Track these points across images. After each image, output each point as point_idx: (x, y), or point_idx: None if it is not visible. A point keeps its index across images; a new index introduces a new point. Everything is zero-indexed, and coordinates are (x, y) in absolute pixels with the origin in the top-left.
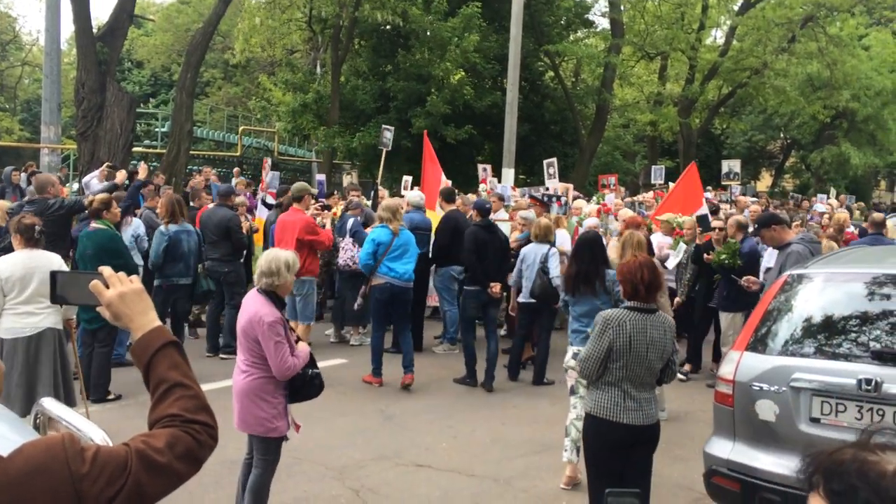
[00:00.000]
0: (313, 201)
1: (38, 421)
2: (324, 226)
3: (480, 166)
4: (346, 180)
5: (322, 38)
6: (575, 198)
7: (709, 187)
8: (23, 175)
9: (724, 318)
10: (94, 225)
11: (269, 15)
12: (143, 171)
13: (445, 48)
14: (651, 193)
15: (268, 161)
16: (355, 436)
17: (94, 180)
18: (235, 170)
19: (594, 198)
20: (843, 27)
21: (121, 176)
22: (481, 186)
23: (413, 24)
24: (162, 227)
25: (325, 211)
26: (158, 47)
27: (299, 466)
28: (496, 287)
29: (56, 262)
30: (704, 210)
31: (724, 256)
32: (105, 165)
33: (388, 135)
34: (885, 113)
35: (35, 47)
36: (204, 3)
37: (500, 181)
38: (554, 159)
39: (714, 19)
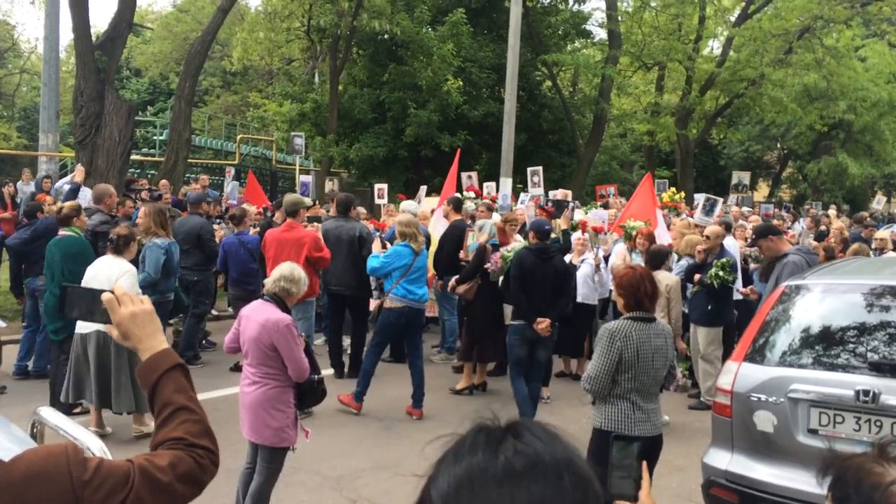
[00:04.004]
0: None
1: (35, 430)
2: None
3: (465, 174)
4: (328, 187)
5: (320, 47)
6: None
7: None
8: (20, 184)
9: (705, 333)
10: (63, 232)
11: (269, 26)
12: (79, 173)
13: (431, 57)
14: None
15: (230, 171)
16: (353, 445)
17: (67, 186)
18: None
19: (585, 208)
20: (840, 39)
21: (80, 174)
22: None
23: (404, 33)
24: None
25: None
26: (157, 55)
27: (297, 476)
28: (543, 323)
29: (119, 270)
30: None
31: (722, 274)
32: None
33: (299, 141)
34: (882, 124)
35: (34, 55)
36: (203, 11)
37: (497, 189)
38: (539, 168)
39: (711, 30)
